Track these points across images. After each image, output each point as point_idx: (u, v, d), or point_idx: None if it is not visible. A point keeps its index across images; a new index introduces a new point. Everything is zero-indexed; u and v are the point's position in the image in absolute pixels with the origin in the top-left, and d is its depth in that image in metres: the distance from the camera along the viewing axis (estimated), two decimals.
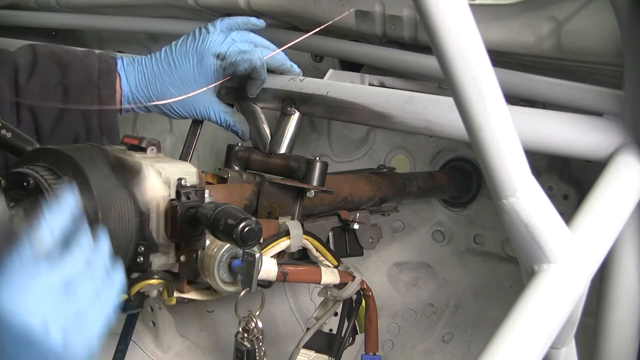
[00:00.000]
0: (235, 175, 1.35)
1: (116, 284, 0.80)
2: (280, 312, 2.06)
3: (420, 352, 1.92)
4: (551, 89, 1.23)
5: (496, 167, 0.84)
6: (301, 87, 1.39)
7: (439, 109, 1.21)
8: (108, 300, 0.78)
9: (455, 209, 1.92)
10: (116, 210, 0.94)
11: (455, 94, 0.81)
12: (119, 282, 0.81)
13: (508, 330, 0.84)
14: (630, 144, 1.08)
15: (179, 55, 1.33)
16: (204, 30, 1.35)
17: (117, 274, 0.81)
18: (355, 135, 2.01)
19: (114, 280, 0.80)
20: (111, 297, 0.78)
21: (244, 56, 1.33)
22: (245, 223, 0.94)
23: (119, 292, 0.81)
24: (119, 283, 0.81)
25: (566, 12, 1.17)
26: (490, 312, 1.84)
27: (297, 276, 1.21)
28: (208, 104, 1.37)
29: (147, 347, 1.96)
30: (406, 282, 2.01)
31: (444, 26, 0.76)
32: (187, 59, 1.32)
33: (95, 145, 1.02)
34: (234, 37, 1.35)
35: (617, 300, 1.16)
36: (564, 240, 0.90)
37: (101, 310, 0.76)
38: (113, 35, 2.30)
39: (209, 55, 1.32)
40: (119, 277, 0.81)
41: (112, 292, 0.79)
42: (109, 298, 0.78)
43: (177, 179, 1.00)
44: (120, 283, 0.81)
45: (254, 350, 1.21)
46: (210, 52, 1.32)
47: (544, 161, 1.68)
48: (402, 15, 1.40)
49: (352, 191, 1.45)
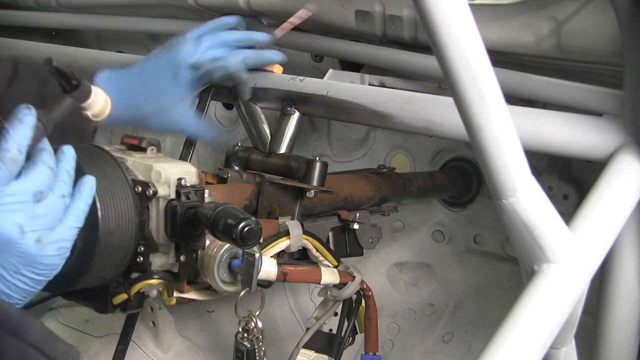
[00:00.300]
0: (235, 175, 1.35)
1: (85, 192, 0.88)
2: (280, 312, 2.06)
3: (420, 352, 1.92)
4: (551, 89, 1.23)
5: (496, 167, 0.84)
6: (301, 87, 1.39)
7: (439, 109, 1.21)
8: (76, 203, 0.87)
9: (455, 209, 1.92)
10: (116, 210, 0.94)
11: (455, 94, 0.81)
12: (88, 190, 0.89)
13: (508, 330, 0.84)
14: (630, 144, 1.08)
15: (154, 69, 1.30)
16: (176, 41, 1.32)
17: (87, 184, 0.89)
18: (355, 135, 2.01)
19: (82, 189, 0.88)
20: (79, 202, 0.87)
21: (218, 63, 1.30)
22: (245, 223, 0.94)
23: (87, 195, 0.88)
24: (88, 190, 0.89)
25: (566, 12, 1.17)
26: (490, 312, 1.84)
27: (297, 276, 1.21)
28: (185, 120, 1.33)
29: (147, 347, 1.96)
30: (406, 282, 2.01)
31: (444, 26, 0.76)
32: (162, 73, 1.29)
33: (95, 145, 1.02)
34: (207, 44, 1.32)
35: (617, 300, 1.16)
36: (564, 240, 0.90)
37: (71, 212, 0.86)
38: (113, 35, 2.30)
39: (183, 67, 1.28)
40: (89, 185, 0.89)
41: (80, 197, 0.87)
42: (77, 201, 0.87)
43: (177, 179, 1.00)
44: (90, 189, 0.89)
45: (254, 350, 1.20)
46: (183, 63, 1.29)
47: (544, 161, 1.68)
48: (402, 15, 1.40)
49: (352, 191, 1.45)
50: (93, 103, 1.03)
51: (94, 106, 1.04)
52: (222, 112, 2.21)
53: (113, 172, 0.97)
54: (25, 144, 0.82)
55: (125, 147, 1.08)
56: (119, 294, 1.01)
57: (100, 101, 1.04)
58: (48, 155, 0.85)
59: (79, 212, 0.87)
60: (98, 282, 0.98)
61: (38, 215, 0.81)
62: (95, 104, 1.03)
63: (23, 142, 0.82)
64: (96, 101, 1.03)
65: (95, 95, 1.02)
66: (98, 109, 1.05)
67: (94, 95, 1.02)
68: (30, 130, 0.83)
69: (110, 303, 1.02)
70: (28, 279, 0.82)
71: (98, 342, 1.95)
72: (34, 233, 0.80)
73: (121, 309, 1.03)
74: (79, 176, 0.91)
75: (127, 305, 1.02)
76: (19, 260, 0.80)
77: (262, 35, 1.40)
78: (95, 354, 1.92)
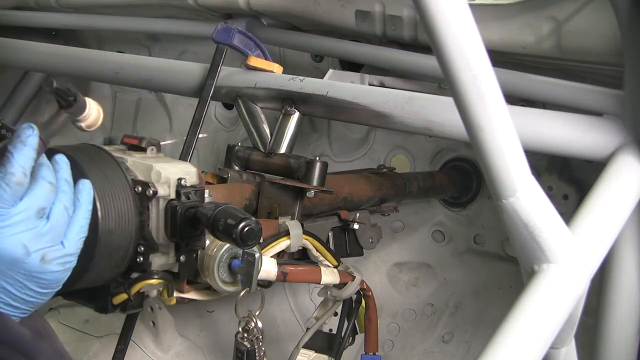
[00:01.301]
0: (235, 175, 1.35)
1: (84, 199, 0.89)
2: (280, 312, 2.06)
3: (420, 352, 1.92)
4: (551, 89, 1.23)
5: (496, 167, 0.84)
6: (301, 87, 1.39)
7: (439, 109, 1.21)
8: (77, 213, 0.88)
9: (455, 209, 1.92)
10: (116, 210, 0.94)
11: (455, 94, 0.81)
12: (87, 196, 0.89)
13: (508, 330, 0.84)
14: (630, 144, 1.08)
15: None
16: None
17: (83, 189, 0.89)
18: (355, 135, 2.01)
19: (81, 196, 0.89)
20: (81, 211, 0.88)
21: None
22: (245, 223, 0.94)
23: (87, 202, 0.89)
24: (87, 196, 0.89)
25: (566, 12, 1.17)
26: (490, 312, 1.84)
27: (297, 276, 1.21)
28: None
29: (147, 347, 1.96)
30: (406, 282, 2.01)
31: (444, 26, 0.76)
32: None
33: (96, 145, 1.02)
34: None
35: (617, 300, 1.16)
36: (564, 240, 0.90)
37: (74, 224, 0.87)
38: (113, 35, 2.30)
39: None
40: (86, 190, 0.90)
41: (80, 206, 0.88)
42: (78, 210, 0.88)
43: (177, 179, 1.00)
44: (88, 195, 0.89)
45: (253, 350, 1.20)
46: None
47: (544, 161, 1.68)
48: (402, 15, 1.40)
49: (352, 191, 1.45)
50: (87, 115, 1.05)
51: (88, 118, 1.06)
52: (222, 112, 2.21)
53: (113, 172, 0.97)
54: (29, 166, 0.83)
55: (125, 147, 1.08)
56: (119, 294, 1.01)
57: (93, 112, 1.06)
58: (47, 170, 0.86)
59: (82, 221, 0.88)
60: (98, 282, 0.98)
61: (42, 233, 0.83)
62: (89, 116, 1.05)
63: (27, 164, 0.83)
64: (90, 113, 1.05)
65: (89, 108, 1.04)
66: (91, 120, 1.07)
67: (88, 108, 1.04)
68: (33, 152, 0.84)
69: (110, 303, 1.02)
70: (35, 292, 0.84)
71: (98, 342, 1.95)
72: (39, 252, 0.82)
73: (121, 309, 1.03)
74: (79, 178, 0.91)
75: (127, 305, 1.02)
76: (25, 277, 0.82)
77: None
78: (95, 354, 1.92)
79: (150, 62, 1.77)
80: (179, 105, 2.28)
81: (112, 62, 1.76)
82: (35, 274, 0.82)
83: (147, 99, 2.36)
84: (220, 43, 1.48)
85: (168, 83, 1.66)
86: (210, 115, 2.19)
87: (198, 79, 1.55)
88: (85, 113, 1.04)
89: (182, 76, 1.61)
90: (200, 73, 1.55)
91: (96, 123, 1.07)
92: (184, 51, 2.18)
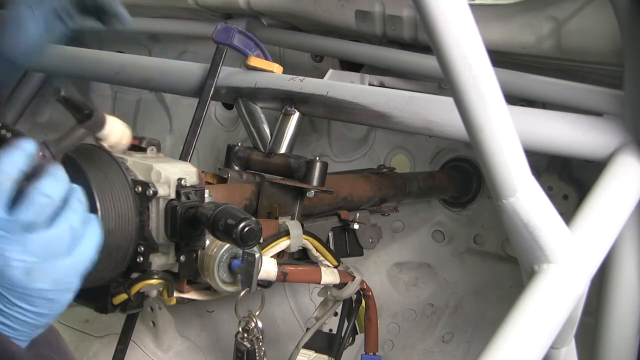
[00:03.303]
0: (235, 175, 1.35)
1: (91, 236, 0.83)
2: (280, 312, 2.06)
3: (420, 352, 1.92)
4: (551, 89, 1.23)
5: (496, 167, 0.84)
6: (301, 87, 1.39)
7: (439, 109, 1.21)
8: (83, 243, 0.81)
9: (455, 209, 1.92)
10: (116, 210, 0.94)
11: (455, 94, 0.81)
12: (94, 235, 0.83)
13: (508, 330, 0.84)
14: (630, 144, 1.08)
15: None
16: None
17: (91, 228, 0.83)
18: (355, 135, 2.01)
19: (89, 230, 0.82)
20: (84, 241, 0.81)
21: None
22: (245, 223, 0.94)
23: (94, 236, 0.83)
24: (94, 236, 0.83)
25: (566, 12, 1.17)
26: (490, 312, 1.84)
27: (297, 276, 1.21)
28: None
29: (147, 347, 1.96)
30: (406, 282, 2.01)
31: (444, 26, 0.76)
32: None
33: (96, 145, 1.02)
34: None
35: (617, 300, 1.16)
36: (564, 240, 0.90)
37: (76, 253, 0.80)
38: (113, 35, 2.29)
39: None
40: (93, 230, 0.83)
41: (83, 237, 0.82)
42: (83, 241, 0.81)
43: (177, 179, 1.00)
44: (95, 235, 0.83)
45: (254, 350, 1.20)
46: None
47: (544, 161, 1.68)
48: (402, 15, 1.40)
49: (352, 191, 1.45)
50: (108, 134, 1.00)
51: (110, 137, 1.00)
52: (222, 112, 2.21)
53: (113, 172, 0.97)
54: (14, 171, 0.77)
55: (125, 147, 1.08)
56: (119, 294, 1.01)
57: (116, 132, 1.00)
58: (51, 183, 0.79)
59: (87, 250, 0.82)
60: (98, 282, 0.98)
61: (28, 247, 0.76)
62: (110, 134, 0.99)
63: (12, 170, 0.77)
64: (112, 132, 0.98)
65: (111, 126, 1.00)
66: (114, 140, 1.00)
67: (110, 126, 0.99)
68: (22, 159, 0.78)
69: (110, 303, 1.02)
70: (29, 312, 0.78)
71: (98, 342, 1.95)
72: (21, 263, 0.75)
73: (121, 309, 1.03)
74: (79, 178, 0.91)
75: (127, 305, 1.02)
76: (8, 291, 0.76)
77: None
78: (95, 354, 1.92)
79: (150, 62, 1.77)
80: (179, 105, 2.28)
81: (112, 62, 1.76)
82: (20, 288, 0.76)
83: (147, 99, 2.36)
84: (220, 43, 1.48)
85: (168, 83, 1.66)
86: (210, 115, 2.19)
87: (198, 79, 1.55)
88: (106, 131, 0.99)
89: (182, 76, 1.61)
90: (200, 73, 1.55)
91: (120, 143, 1.02)
92: (184, 51, 2.18)
